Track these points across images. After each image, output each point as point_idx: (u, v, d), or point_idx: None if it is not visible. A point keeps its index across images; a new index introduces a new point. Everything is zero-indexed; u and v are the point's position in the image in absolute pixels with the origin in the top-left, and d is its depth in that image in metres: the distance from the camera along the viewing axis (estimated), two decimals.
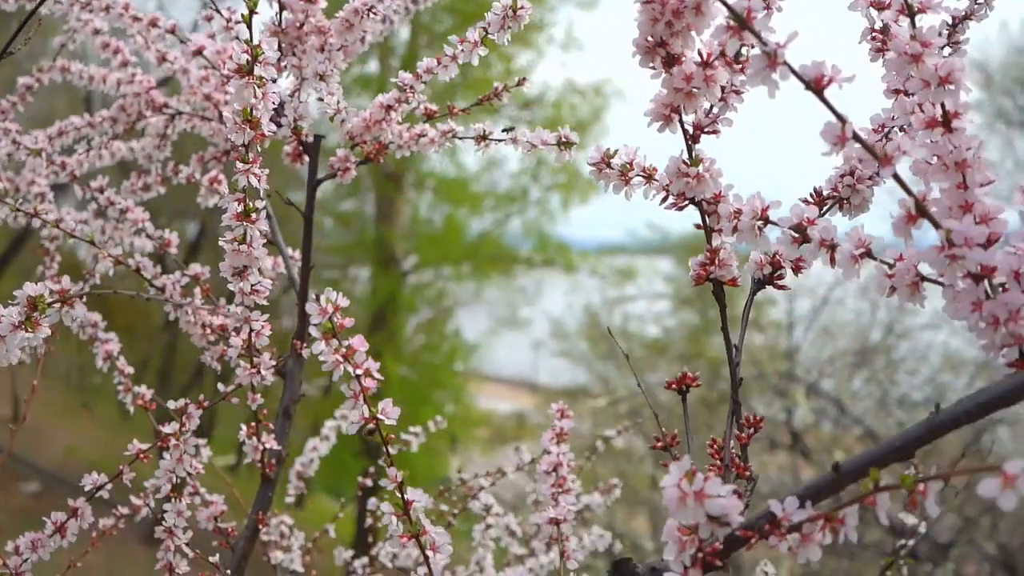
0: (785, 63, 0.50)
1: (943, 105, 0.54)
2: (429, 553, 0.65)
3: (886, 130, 0.69)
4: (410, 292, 11.11)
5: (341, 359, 0.62)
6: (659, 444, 0.64)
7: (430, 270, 11.36)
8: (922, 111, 0.56)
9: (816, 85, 0.51)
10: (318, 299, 0.60)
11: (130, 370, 1.11)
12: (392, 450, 0.74)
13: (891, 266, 0.55)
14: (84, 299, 0.74)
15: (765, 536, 0.53)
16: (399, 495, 0.65)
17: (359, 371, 0.62)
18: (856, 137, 0.51)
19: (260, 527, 0.99)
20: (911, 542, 1.15)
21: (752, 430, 0.66)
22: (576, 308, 9.79)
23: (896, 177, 0.52)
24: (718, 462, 0.64)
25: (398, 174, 10.94)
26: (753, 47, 0.54)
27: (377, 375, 0.63)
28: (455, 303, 11.48)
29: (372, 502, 0.66)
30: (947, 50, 0.72)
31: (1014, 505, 0.40)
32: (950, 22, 0.73)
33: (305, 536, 1.46)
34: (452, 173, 11.30)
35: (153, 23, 1.10)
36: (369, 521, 1.27)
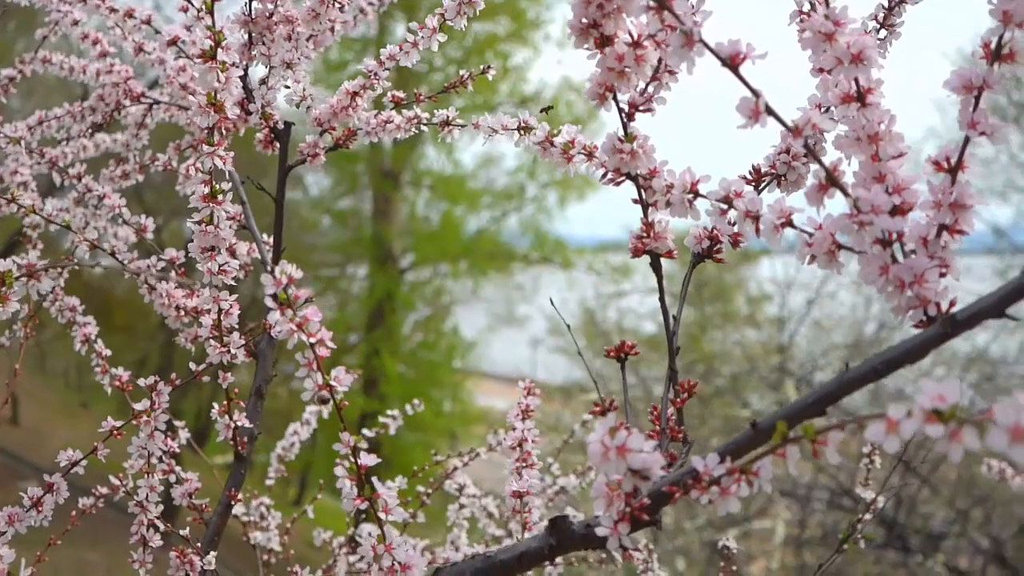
0: (701, 41, 0.53)
1: (857, 81, 0.57)
2: (381, 515, 0.68)
3: (822, 109, 0.71)
4: (408, 289, 11.16)
5: (296, 328, 0.64)
6: (598, 410, 0.67)
7: (427, 268, 11.40)
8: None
9: (732, 62, 0.54)
10: (273, 272, 0.63)
11: (107, 352, 1.13)
12: (369, 432, 0.77)
13: (811, 235, 0.58)
14: (60, 278, 0.77)
15: (688, 491, 0.56)
16: (352, 460, 0.68)
17: (313, 340, 0.65)
18: (769, 110, 0.54)
19: (232, 503, 1.02)
20: (867, 516, 1.18)
21: (687, 394, 0.69)
22: (570, 303, 9.82)
23: (807, 148, 0.55)
24: (656, 427, 0.67)
25: (395, 172, 10.99)
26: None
27: (331, 344, 0.66)
28: (452, 300, 11.52)
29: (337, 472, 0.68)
30: (883, 32, 0.75)
31: (896, 448, 0.43)
32: (886, 4, 0.76)
33: (302, 536, 1.49)
34: (449, 171, 11.36)
35: (129, 14, 1.13)
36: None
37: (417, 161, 11.39)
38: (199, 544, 0.96)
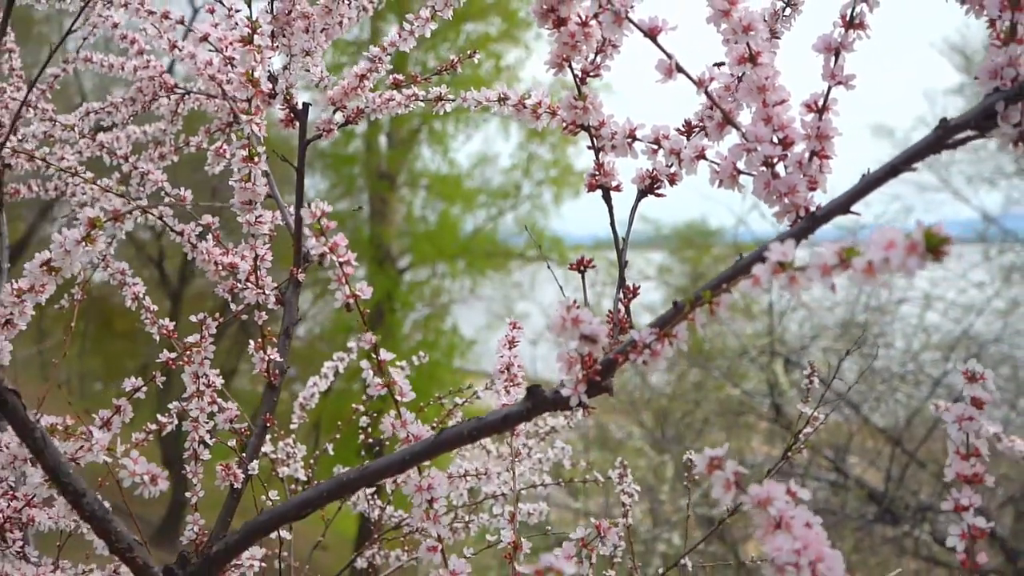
0: (627, 18, 0.72)
1: (748, 45, 0.75)
2: (397, 398, 0.87)
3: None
4: (406, 289, 11.32)
5: (328, 251, 0.83)
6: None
7: (426, 267, 11.57)
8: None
9: (652, 33, 0.72)
10: (309, 205, 0.82)
11: (155, 308, 1.32)
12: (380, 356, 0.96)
13: (718, 164, 0.77)
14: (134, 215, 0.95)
15: (627, 356, 0.74)
16: (374, 356, 0.86)
17: (341, 260, 0.83)
18: (679, 68, 0.72)
19: (268, 425, 1.20)
20: (809, 430, 1.36)
21: (632, 295, 0.87)
22: (564, 296, 9.96)
23: (708, 95, 0.73)
24: (611, 323, 0.86)
25: (391, 174, 11.17)
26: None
27: (354, 263, 0.84)
28: (451, 300, 11.69)
29: (365, 365, 0.87)
30: (787, 10, 0.93)
31: (763, 293, 0.61)
32: None
33: (307, 538, 1.66)
34: (445, 171, 11.54)
35: (165, 16, 1.31)
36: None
37: (413, 162, 11.58)
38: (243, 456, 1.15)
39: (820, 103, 0.74)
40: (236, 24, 1.23)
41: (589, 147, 0.85)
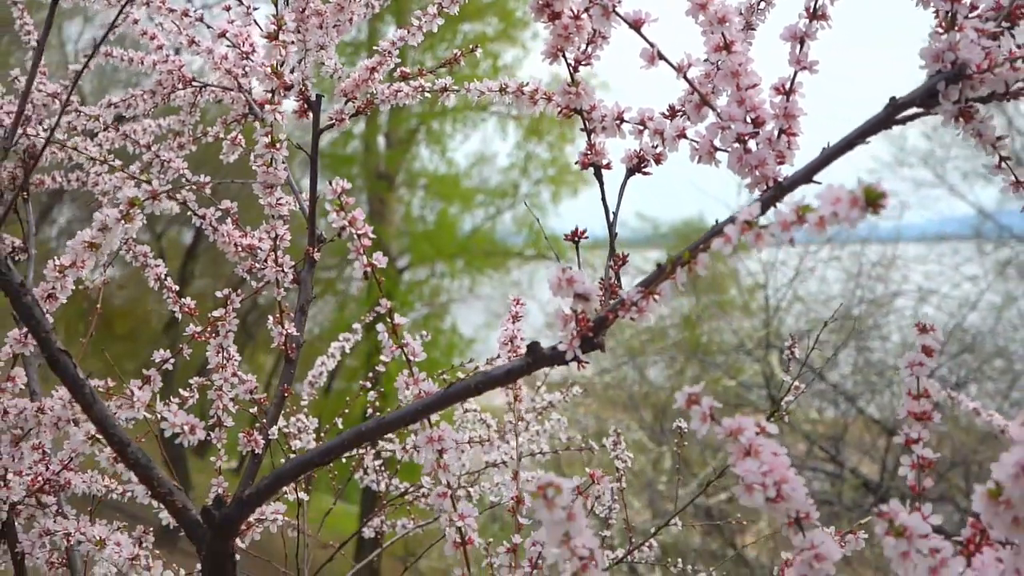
0: (615, 11, 0.80)
1: (723, 35, 0.84)
2: (410, 358, 0.95)
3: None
4: (405, 289, 11.41)
5: (347, 224, 0.92)
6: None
7: (424, 267, 11.66)
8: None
9: (636, 24, 0.81)
10: (330, 182, 0.91)
11: (176, 288, 1.40)
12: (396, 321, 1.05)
13: (697, 142, 0.86)
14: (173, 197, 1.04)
15: (617, 314, 0.83)
16: (390, 320, 0.95)
17: (359, 232, 0.92)
18: (660, 56, 0.81)
19: (285, 395, 1.29)
20: (791, 398, 1.44)
21: (622, 262, 0.96)
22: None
23: (687, 79, 0.82)
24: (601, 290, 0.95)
25: (390, 174, 11.26)
26: None
27: (371, 235, 0.93)
28: (450, 299, 11.78)
29: (380, 328, 0.96)
30: (762, 4, 1.02)
31: (729, 251, 0.70)
32: None
33: (308, 536, 1.74)
34: (443, 171, 11.63)
35: (185, 13, 1.40)
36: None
37: (411, 162, 11.67)
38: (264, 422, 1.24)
39: (787, 86, 0.83)
40: (252, 21, 1.31)
41: (582, 129, 0.94)
